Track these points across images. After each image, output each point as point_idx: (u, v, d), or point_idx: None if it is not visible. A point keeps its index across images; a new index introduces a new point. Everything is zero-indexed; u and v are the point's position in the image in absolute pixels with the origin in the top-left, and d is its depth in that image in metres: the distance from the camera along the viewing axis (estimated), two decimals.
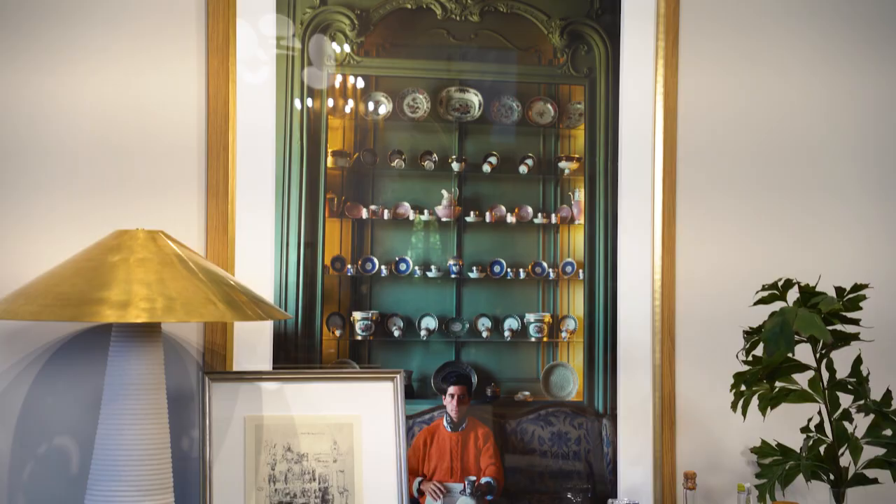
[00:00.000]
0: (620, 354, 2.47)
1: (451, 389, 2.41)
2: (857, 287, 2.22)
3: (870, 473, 2.31)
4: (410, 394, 2.37)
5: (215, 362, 2.27)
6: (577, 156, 2.48)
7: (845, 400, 2.32)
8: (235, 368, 2.28)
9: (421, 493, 2.37)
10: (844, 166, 2.59)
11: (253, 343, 2.30)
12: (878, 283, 2.36)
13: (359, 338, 2.37)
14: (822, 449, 2.31)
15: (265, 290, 2.30)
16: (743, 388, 2.29)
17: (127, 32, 2.23)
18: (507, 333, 2.44)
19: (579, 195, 2.48)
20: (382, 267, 2.40)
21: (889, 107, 2.62)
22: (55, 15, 2.20)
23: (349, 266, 2.38)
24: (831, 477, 2.31)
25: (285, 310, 2.32)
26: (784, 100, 2.57)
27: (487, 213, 2.44)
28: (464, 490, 2.39)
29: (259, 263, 2.31)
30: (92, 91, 2.22)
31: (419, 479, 2.38)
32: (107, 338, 2.07)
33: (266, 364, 2.30)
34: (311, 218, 2.36)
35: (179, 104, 2.26)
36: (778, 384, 2.30)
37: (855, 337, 2.25)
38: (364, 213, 2.39)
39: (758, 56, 2.55)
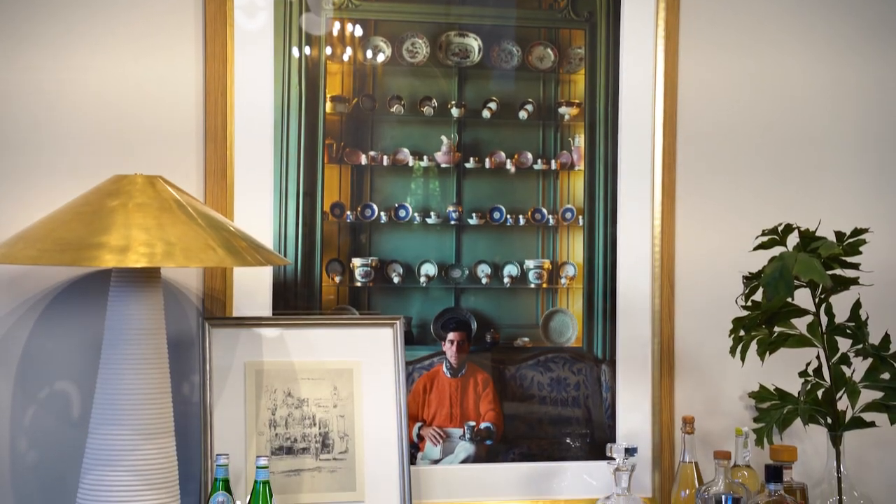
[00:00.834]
0: (620, 300, 2.47)
1: (451, 336, 2.41)
2: (857, 231, 2.22)
3: (867, 417, 2.32)
4: (410, 340, 2.38)
5: (215, 308, 2.27)
6: (577, 101, 2.47)
7: (844, 344, 2.33)
8: (235, 315, 2.28)
9: (421, 438, 2.39)
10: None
11: (253, 289, 2.30)
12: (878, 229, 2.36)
13: (358, 284, 2.38)
14: (819, 393, 2.32)
15: (264, 236, 2.30)
16: (742, 333, 2.29)
17: None
18: (506, 280, 2.44)
19: (579, 141, 2.47)
20: (382, 213, 2.39)
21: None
22: None
23: (348, 212, 2.37)
24: (829, 421, 2.32)
25: (284, 256, 2.32)
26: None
27: (487, 160, 2.43)
28: (463, 435, 2.40)
29: (258, 209, 2.30)
30: (90, 49, 2.20)
31: (419, 424, 2.39)
32: (106, 283, 2.08)
33: (266, 310, 2.30)
34: (310, 164, 2.35)
35: (176, 53, 2.24)
36: (777, 329, 2.31)
37: (854, 281, 2.25)
38: (363, 160, 2.38)
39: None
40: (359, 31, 2.37)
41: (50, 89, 2.20)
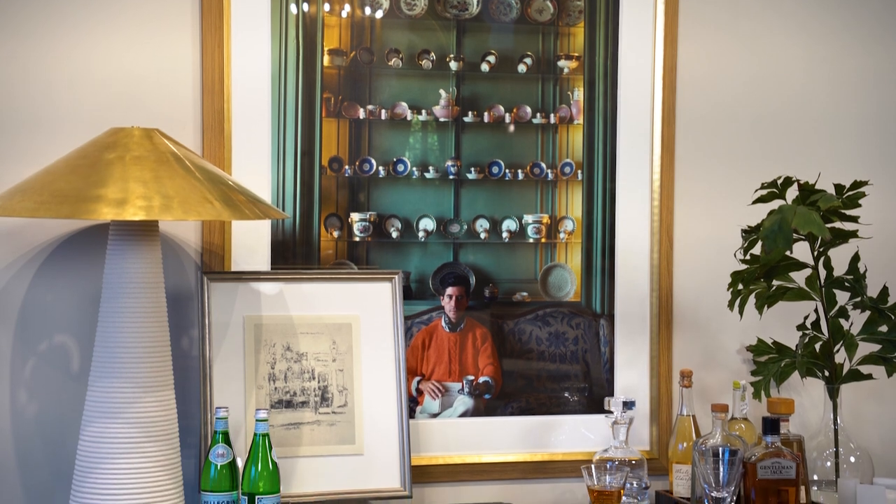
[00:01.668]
0: (618, 255, 2.47)
1: (450, 290, 2.42)
2: (857, 184, 2.22)
3: (864, 369, 2.33)
4: (409, 294, 2.38)
5: (214, 263, 2.27)
6: (576, 55, 2.45)
7: (842, 297, 2.33)
8: (234, 269, 2.28)
9: (419, 392, 2.40)
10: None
11: (251, 244, 2.30)
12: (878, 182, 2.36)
13: (357, 239, 2.37)
14: (817, 346, 2.33)
15: (262, 190, 2.30)
16: (740, 286, 2.30)
17: None
18: (505, 234, 2.44)
19: (578, 94, 2.46)
20: (380, 168, 2.38)
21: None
22: None
23: (347, 167, 2.37)
24: (826, 373, 2.33)
25: (283, 210, 2.31)
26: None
27: (486, 114, 2.42)
28: (462, 389, 2.41)
29: (256, 163, 2.30)
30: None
31: (418, 378, 2.40)
32: (105, 236, 2.07)
33: (264, 265, 2.30)
34: (308, 118, 2.34)
35: (171, 7, 2.23)
36: (775, 283, 2.31)
37: (853, 234, 2.25)
38: (361, 114, 2.37)
39: None
40: None
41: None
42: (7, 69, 2.17)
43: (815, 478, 2.38)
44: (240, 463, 2.08)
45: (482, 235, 2.43)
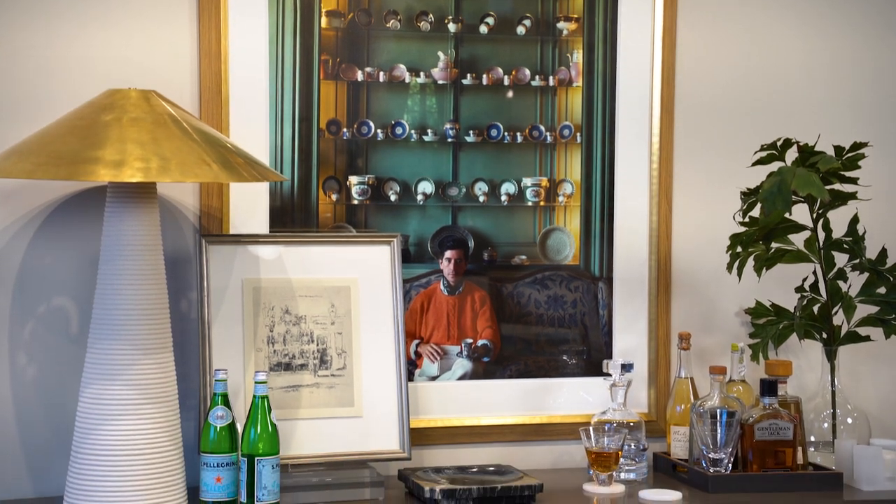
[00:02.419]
0: (617, 218, 2.47)
1: (448, 253, 2.42)
2: (857, 146, 2.21)
3: (862, 331, 2.34)
4: (407, 258, 2.38)
5: (212, 226, 2.27)
6: (575, 16, 2.44)
7: (840, 259, 2.33)
8: (232, 232, 2.28)
9: (418, 355, 2.40)
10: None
11: (249, 207, 2.29)
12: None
13: (355, 202, 2.37)
14: (815, 308, 2.33)
15: (260, 153, 2.29)
16: (739, 249, 2.30)
17: None
18: (503, 198, 2.44)
19: (577, 57, 2.44)
20: (378, 131, 2.38)
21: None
22: None
23: (345, 129, 2.36)
24: (824, 335, 2.34)
25: (281, 173, 2.30)
26: None
27: (484, 76, 2.41)
28: (461, 352, 2.42)
29: (253, 126, 2.29)
30: None
31: (416, 341, 2.40)
32: (102, 199, 2.07)
33: (263, 228, 2.30)
34: (306, 80, 2.32)
35: None
36: (774, 245, 2.32)
37: (853, 196, 2.25)
38: (359, 76, 2.36)
39: None
40: None
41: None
42: (4, 29, 2.16)
43: (813, 439, 2.39)
44: (239, 426, 2.09)
45: (481, 199, 2.43)
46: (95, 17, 2.19)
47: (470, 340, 2.42)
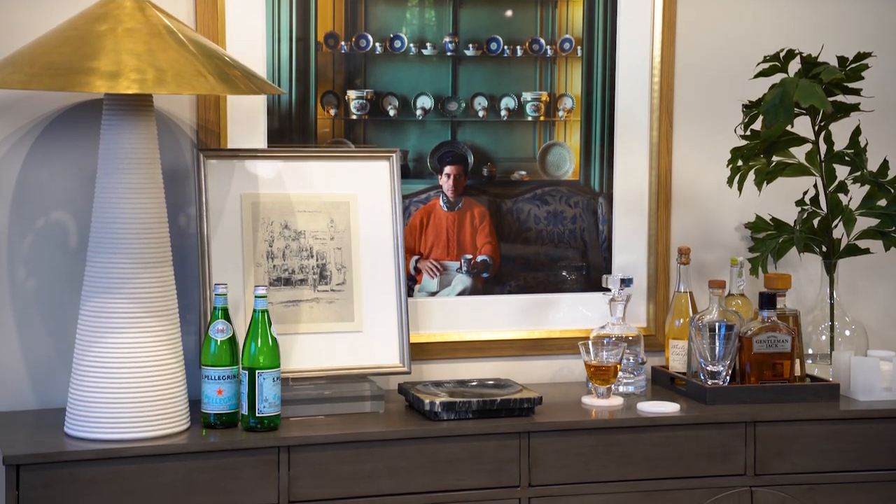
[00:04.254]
0: (617, 133, 2.45)
1: (448, 169, 2.40)
2: (860, 56, 2.19)
3: (862, 244, 2.33)
4: (406, 173, 2.37)
5: (209, 140, 2.25)
6: None
7: (842, 173, 2.32)
8: (230, 147, 2.26)
9: (418, 271, 2.40)
10: None
11: (247, 121, 2.28)
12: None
13: (354, 117, 2.35)
14: (815, 222, 2.33)
15: (258, 66, 2.26)
16: (740, 163, 2.29)
17: None
18: (503, 112, 2.42)
19: None
20: (377, 44, 2.35)
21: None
22: None
23: (343, 43, 2.33)
24: (824, 249, 2.33)
25: (279, 87, 2.28)
26: None
27: None
28: (460, 268, 2.42)
29: (250, 38, 2.26)
30: None
31: (416, 257, 2.40)
32: (98, 112, 2.05)
33: (261, 143, 2.28)
34: None
35: None
36: (775, 158, 2.30)
37: (855, 108, 2.23)
38: None
39: None
40: None
41: None
42: None
43: (811, 351, 2.40)
44: (240, 341, 2.09)
45: (480, 114, 2.41)
46: None
47: (469, 256, 2.42)
